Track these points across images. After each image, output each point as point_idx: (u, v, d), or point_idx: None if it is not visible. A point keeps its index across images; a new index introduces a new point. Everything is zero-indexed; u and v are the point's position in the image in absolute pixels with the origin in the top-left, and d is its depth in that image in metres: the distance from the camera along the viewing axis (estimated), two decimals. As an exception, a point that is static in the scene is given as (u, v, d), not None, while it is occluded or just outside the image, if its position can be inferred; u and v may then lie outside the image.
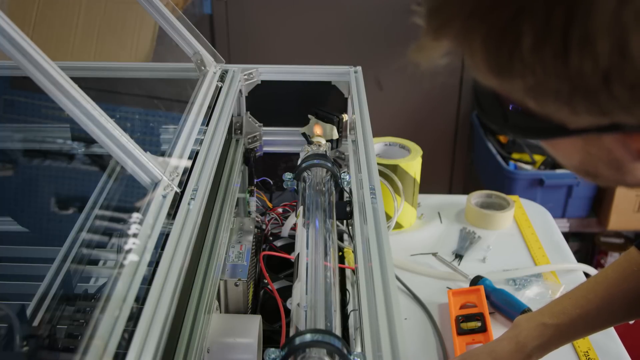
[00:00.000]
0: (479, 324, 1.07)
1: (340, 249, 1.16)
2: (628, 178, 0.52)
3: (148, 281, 0.59)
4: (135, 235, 0.64)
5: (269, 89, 1.21)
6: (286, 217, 1.18)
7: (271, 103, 1.23)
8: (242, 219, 1.05)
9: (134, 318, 0.55)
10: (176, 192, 0.73)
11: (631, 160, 0.49)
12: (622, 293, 0.87)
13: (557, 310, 0.89)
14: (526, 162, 2.34)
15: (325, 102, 1.20)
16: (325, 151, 1.06)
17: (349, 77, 1.17)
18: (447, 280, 1.24)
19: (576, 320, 0.88)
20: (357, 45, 2.62)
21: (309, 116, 1.14)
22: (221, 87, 1.09)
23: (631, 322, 0.91)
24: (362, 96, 1.08)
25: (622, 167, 0.50)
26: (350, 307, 0.99)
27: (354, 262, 0.81)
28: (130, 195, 0.91)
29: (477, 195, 1.46)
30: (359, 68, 1.20)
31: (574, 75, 0.40)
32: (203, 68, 1.14)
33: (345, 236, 1.19)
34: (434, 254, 1.32)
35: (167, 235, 0.67)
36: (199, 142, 0.88)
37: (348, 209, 0.89)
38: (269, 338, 0.87)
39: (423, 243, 1.36)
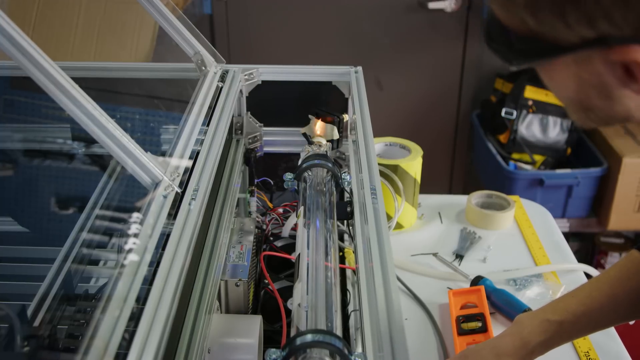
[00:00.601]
0: (479, 324, 1.07)
1: (341, 249, 1.16)
2: (617, 107, 0.58)
3: (149, 281, 0.59)
4: (135, 236, 0.64)
5: (270, 89, 1.21)
6: (287, 218, 1.18)
7: (272, 103, 1.23)
8: (242, 219, 1.05)
9: (134, 318, 0.55)
10: (177, 192, 0.73)
11: (618, 86, 0.55)
12: (625, 292, 0.87)
13: (561, 307, 0.90)
14: (526, 162, 2.34)
15: (325, 102, 1.20)
16: (326, 151, 1.05)
17: (350, 77, 1.17)
18: (448, 281, 1.24)
19: (580, 317, 0.88)
20: (357, 45, 2.62)
21: (310, 116, 1.14)
22: (222, 88, 1.09)
23: (632, 322, 0.91)
24: (363, 96, 1.08)
25: (611, 94, 0.57)
26: (351, 308, 0.99)
27: (355, 262, 0.81)
28: (130, 195, 0.91)
29: (477, 196, 1.46)
30: (360, 68, 1.20)
31: None
32: (204, 68, 1.14)
33: (346, 236, 1.19)
34: (435, 254, 1.32)
35: (168, 235, 0.67)
36: (200, 142, 0.88)
37: (349, 209, 0.89)
38: (270, 338, 0.87)
39: (423, 243, 1.36)
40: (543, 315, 0.90)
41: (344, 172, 0.95)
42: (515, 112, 2.32)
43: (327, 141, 1.12)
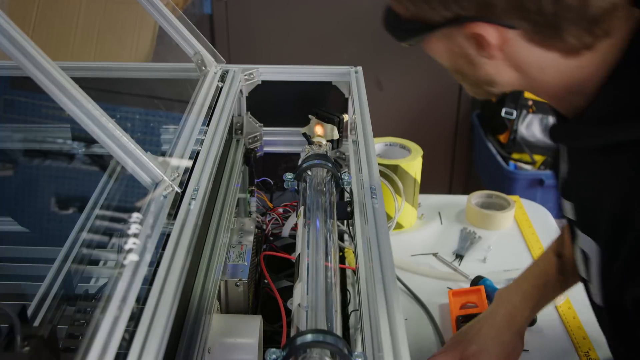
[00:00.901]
0: (479, 324, 1.07)
1: (341, 249, 1.16)
2: (481, 72, 0.72)
3: (149, 281, 0.59)
4: (135, 236, 0.64)
5: (270, 89, 1.21)
6: (287, 218, 1.18)
7: (272, 103, 1.23)
8: (242, 219, 1.05)
9: (134, 318, 0.55)
10: (177, 192, 0.73)
11: (476, 54, 0.70)
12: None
13: (537, 272, 1.01)
14: (526, 162, 2.34)
15: (325, 102, 1.20)
16: (326, 151, 1.05)
17: (350, 77, 1.17)
18: (448, 281, 1.24)
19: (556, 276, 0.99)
20: (357, 45, 2.62)
21: (310, 116, 1.14)
22: (222, 88, 1.09)
23: None
24: (363, 96, 1.08)
25: (473, 61, 0.71)
26: (351, 308, 0.99)
27: (355, 262, 0.81)
28: (130, 195, 0.91)
29: (477, 196, 1.46)
30: (360, 68, 1.20)
31: None
32: (204, 68, 1.14)
33: (346, 236, 1.19)
34: (435, 254, 1.32)
35: (168, 235, 0.67)
36: (200, 142, 0.88)
37: (349, 209, 0.89)
38: (270, 338, 0.87)
39: (423, 243, 1.36)
40: (524, 284, 1.00)
41: (344, 172, 0.95)
42: (515, 112, 2.32)
43: (327, 141, 1.12)
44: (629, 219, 0.66)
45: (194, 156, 0.84)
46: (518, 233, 1.39)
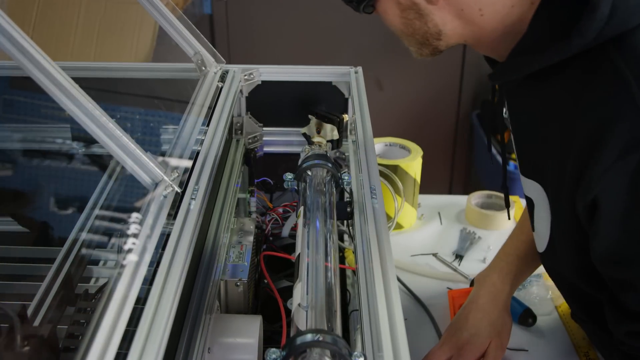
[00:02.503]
0: (479, 324, 1.07)
1: (341, 250, 1.16)
2: (429, 23, 0.77)
3: (149, 281, 0.59)
4: (135, 235, 0.64)
5: (270, 89, 1.21)
6: (286, 218, 1.18)
7: (272, 103, 1.23)
8: (242, 219, 1.05)
9: (135, 318, 0.55)
10: (177, 192, 0.73)
11: (424, 2, 0.75)
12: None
13: (508, 251, 1.07)
14: (526, 163, 2.34)
15: (325, 102, 1.20)
16: (326, 151, 1.05)
17: (350, 78, 1.17)
18: (448, 281, 1.24)
19: (528, 249, 1.04)
20: (357, 45, 2.62)
21: (310, 116, 1.14)
22: (222, 88, 1.09)
23: None
24: (363, 96, 1.08)
25: (422, 11, 0.76)
26: (351, 308, 0.99)
27: (355, 262, 0.81)
28: (130, 195, 0.91)
29: (477, 196, 1.46)
30: (360, 68, 1.20)
31: None
32: (204, 68, 1.14)
33: (346, 236, 1.19)
34: (435, 255, 1.32)
35: (168, 235, 0.67)
36: (200, 142, 0.88)
37: (348, 209, 0.89)
38: (270, 338, 0.87)
39: (423, 243, 1.36)
40: (500, 263, 1.05)
41: (344, 172, 0.95)
42: (515, 112, 2.32)
43: (327, 141, 1.12)
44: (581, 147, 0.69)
45: (194, 156, 0.84)
46: (518, 233, 1.39)
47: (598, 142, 0.66)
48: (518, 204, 1.48)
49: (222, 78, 1.13)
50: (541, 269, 1.26)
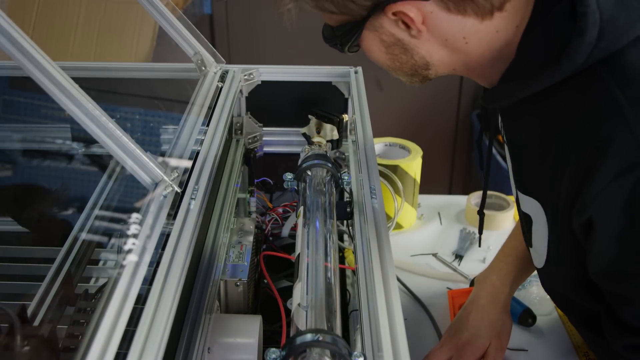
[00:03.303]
0: (479, 324, 1.07)
1: (341, 250, 1.16)
2: (416, 56, 0.77)
3: (149, 281, 0.59)
4: (135, 235, 0.64)
5: (270, 89, 1.21)
6: (286, 218, 1.18)
7: (272, 103, 1.23)
8: (242, 219, 1.05)
9: (134, 318, 0.55)
10: (177, 192, 0.73)
11: (408, 37, 0.75)
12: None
13: (506, 251, 1.07)
14: (526, 163, 2.34)
15: (325, 102, 1.20)
16: (326, 151, 1.05)
17: (349, 78, 1.17)
18: (448, 281, 1.24)
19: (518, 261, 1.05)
20: (357, 46, 2.62)
21: (309, 116, 1.14)
22: (221, 88, 1.09)
23: None
24: (363, 96, 1.08)
25: (406, 46, 0.76)
26: (350, 308, 0.99)
27: (355, 262, 0.81)
28: (130, 195, 0.91)
29: (477, 196, 1.46)
30: (359, 68, 1.20)
31: None
32: (203, 68, 1.14)
33: (346, 236, 1.19)
34: (434, 255, 1.32)
35: (168, 235, 0.67)
36: (200, 142, 0.88)
37: (348, 209, 0.89)
38: (270, 338, 0.87)
39: (423, 243, 1.36)
40: (499, 263, 1.06)
41: (344, 172, 0.95)
42: (515, 113, 2.32)
43: (327, 141, 1.12)
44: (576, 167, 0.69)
45: (194, 156, 0.84)
46: (518, 233, 1.39)
47: (592, 164, 0.66)
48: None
49: (222, 78, 1.13)
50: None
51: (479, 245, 1.10)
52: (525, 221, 0.85)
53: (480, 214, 1.01)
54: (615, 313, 0.75)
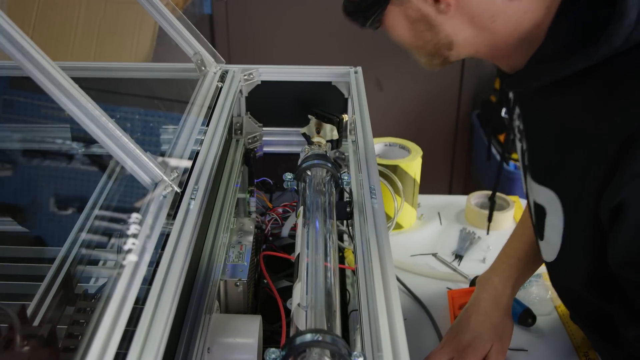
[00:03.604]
0: (479, 324, 1.07)
1: (341, 250, 1.16)
2: (440, 34, 0.75)
3: (148, 281, 0.59)
4: (135, 236, 0.64)
5: (270, 89, 1.21)
6: (286, 218, 1.18)
7: (271, 103, 1.23)
8: (242, 219, 1.05)
9: (134, 318, 0.55)
10: (176, 192, 0.73)
11: (435, 13, 0.74)
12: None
13: (508, 253, 1.07)
14: (526, 163, 2.34)
15: (325, 102, 1.20)
16: (326, 151, 1.05)
17: (349, 78, 1.17)
18: (447, 281, 1.24)
19: (528, 250, 1.04)
20: (357, 45, 2.62)
21: (309, 116, 1.14)
22: (221, 88, 1.09)
23: None
24: (362, 96, 1.08)
25: (432, 22, 0.75)
26: (350, 308, 0.99)
27: (354, 262, 0.81)
28: (130, 195, 0.91)
29: (477, 196, 1.46)
30: (359, 68, 1.20)
31: None
32: (203, 68, 1.14)
33: (346, 236, 1.19)
34: (434, 255, 1.32)
35: (168, 235, 0.67)
36: (199, 142, 0.88)
37: (348, 209, 0.89)
38: (270, 338, 0.87)
39: (423, 243, 1.36)
40: (501, 265, 1.05)
41: (344, 172, 0.95)
42: (515, 112, 2.32)
43: (327, 141, 1.12)
44: (612, 158, 0.67)
45: (194, 156, 0.84)
46: (518, 233, 1.39)
47: (629, 146, 0.65)
48: (518, 204, 1.48)
49: (222, 78, 1.13)
50: (541, 269, 1.26)
51: (487, 232, 1.08)
52: (536, 213, 0.83)
53: (492, 199, 1.00)
54: (629, 302, 0.74)
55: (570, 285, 0.86)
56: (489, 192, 1.47)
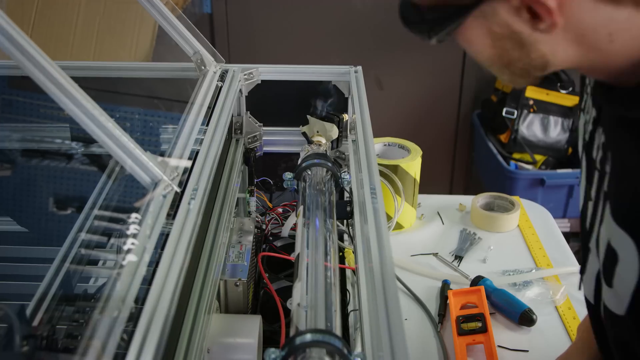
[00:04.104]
0: (479, 324, 1.07)
1: (341, 249, 1.16)
2: (533, 54, 0.61)
3: (148, 281, 0.59)
4: (135, 235, 0.64)
5: (269, 89, 1.20)
6: (286, 217, 1.18)
7: (271, 103, 1.22)
8: (242, 219, 1.04)
9: (133, 318, 0.54)
10: (176, 192, 0.73)
11: (529, 30, 0.58)
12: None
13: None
14: (527, 162, 2.34)
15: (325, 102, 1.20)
16: (326, 151, 1.05)
17: (349, 77, 1.17)
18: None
19: None
20: (357, 45, 2.62)
21: (308, 116, 1.14)
22: (221, 87, 1.09)
23: None
24: (363, 96, 1.08)
25: (524, 41, 0.60)
26: (350, 307, 0.99)
27: (354, 262, 0.81)
28: (130, 195, 0.91)
29: (483, 197, 1.45)
30: (359, 68, 1.20)
31: None
32: (203, 68, 1.14)
33: (346, 236, 1.19)
34: (435, 255, 1.32)
35: (167, 235, 0.66)
36: (199, 142, 0.87)
37: (348, 208, 0.89)
38: (269, 338, 0.87)
39: (423, 243, 1.36)
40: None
41: (344, 172, 0.95)
42: (516, 112, 2.32)
43: (327, 141, 1.12)
44: None
45: (194, 156, 0.83)
46: (518, 233, 1.39)
47: None
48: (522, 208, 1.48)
49: (222, 77, 1.13)
50: (542, 272, 1.26)
51: None
52: (608, 255, 0.69)
53: None
54: None
55: (634, 347, 0.70)
56: (494, 194, 1.46)
